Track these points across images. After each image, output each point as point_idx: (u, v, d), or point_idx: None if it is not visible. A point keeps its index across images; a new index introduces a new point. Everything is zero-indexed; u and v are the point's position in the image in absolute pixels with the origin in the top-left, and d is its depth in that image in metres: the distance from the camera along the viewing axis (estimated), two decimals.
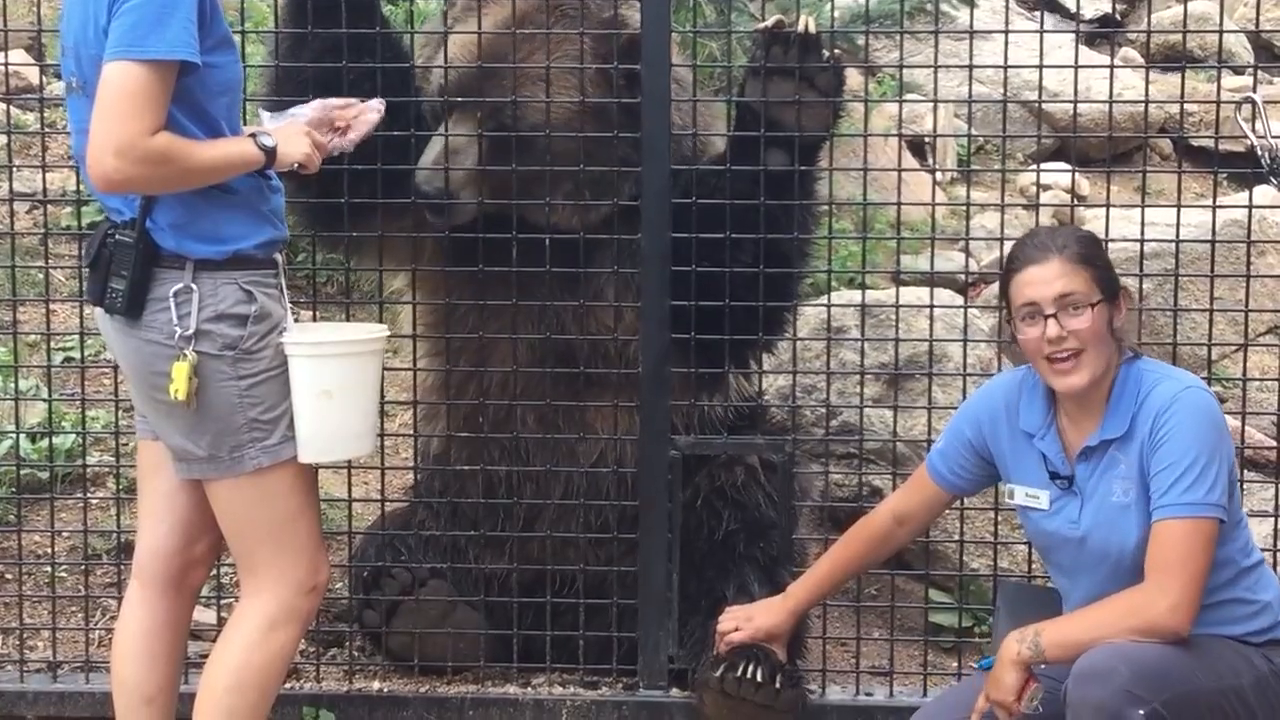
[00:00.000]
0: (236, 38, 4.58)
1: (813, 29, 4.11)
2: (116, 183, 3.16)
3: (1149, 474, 3.33)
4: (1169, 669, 3.20)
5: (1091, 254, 3.45)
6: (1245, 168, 4.72)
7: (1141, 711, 3.13)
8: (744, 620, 3.96)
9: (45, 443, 4.91)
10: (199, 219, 3.29)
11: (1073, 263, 3.41)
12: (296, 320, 3.50)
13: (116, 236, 3.29)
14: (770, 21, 4.15)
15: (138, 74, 3.11)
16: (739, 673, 3.97)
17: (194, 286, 3.28)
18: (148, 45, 3.11)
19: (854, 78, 6.04)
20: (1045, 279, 3.42)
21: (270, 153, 3.35)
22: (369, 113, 3.67)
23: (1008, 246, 4.75)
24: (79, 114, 3.34)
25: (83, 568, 4.68)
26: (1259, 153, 4.07)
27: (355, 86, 4.13)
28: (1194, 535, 3.26)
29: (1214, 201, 5.00)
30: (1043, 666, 3.33)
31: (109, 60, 3.12)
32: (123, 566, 4.50)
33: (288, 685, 4.40)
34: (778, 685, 3.98)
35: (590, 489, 4.40)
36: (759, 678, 3.97)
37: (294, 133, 3.46)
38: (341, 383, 3.39)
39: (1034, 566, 4.52)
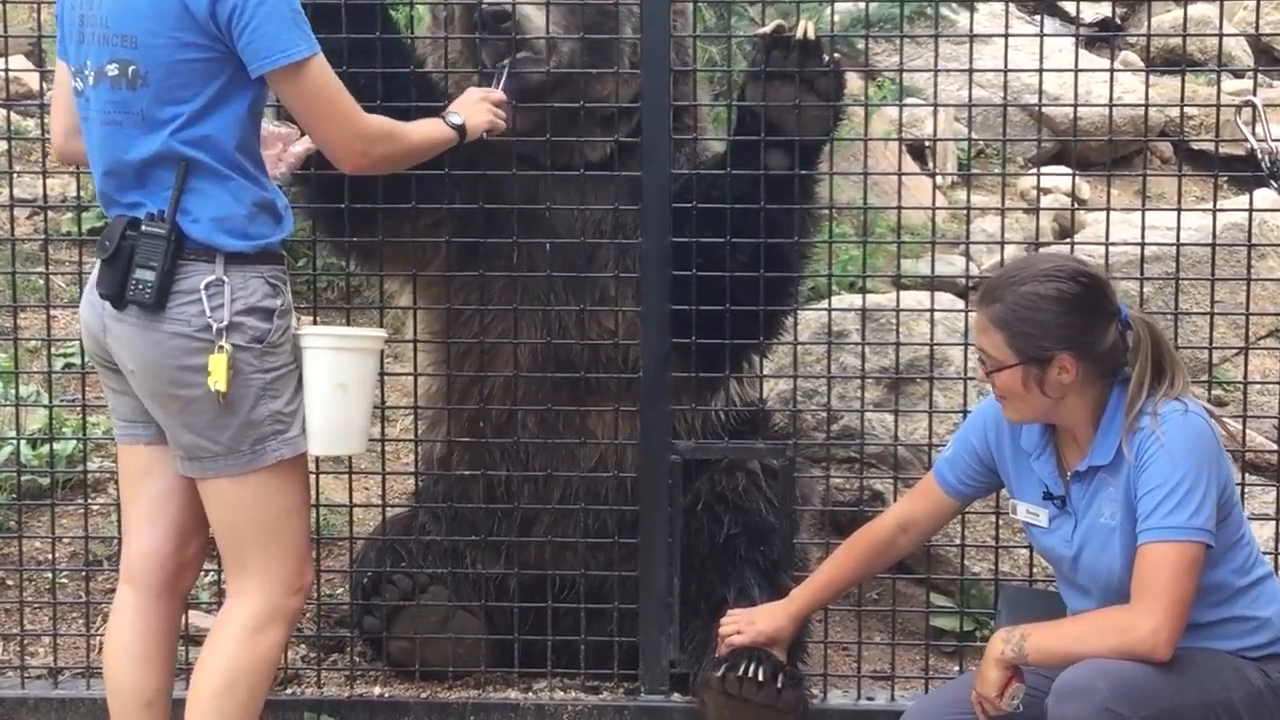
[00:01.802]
0: None
1: (812, 34, 4.11)
2: (365, 166, 3.49)
3: (1135, 497, 3.32)
4: (1151, 685, 3.19)
5: (1017, 317, 3.34)
6: (1245, 171, 4.72)
7: None
8: (745, 624, 3.95)
9: (46, 449, 4.91)
10: (233, 215, 3.31)
11: (991, 322, 3.38)
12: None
13: (143, 228, 3.28)
14: (770, 27, 4.15)
15: (316, 69, 3.30)
16: (740, 672, 3.97)
17: (225, 279, 3.29)
18: (299, 41, 3.26)
19: (854, 82, 6.04)
20: (974, 325, 3.51)
21: (461, 130, 3.67)
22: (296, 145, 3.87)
23: (1008, 250, 4.78)
24: (114, 105, 3.32)
25: (83, 574, 4.68)
26: (1259, 156, 4.07)
27: (360, 92, 4.14)
28: (1178, 559, 3.23)
29: (1214, 205, 5.00)
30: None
31: (285, 63, 3.23)
32: None
33: (289, 691, 4.41)
34: (779, 685, 3.98)
35: (591, 493, 4.40)
36: (760, 677, 3.97)
37: (473, 102, 3.76)
38: (355, 376, 3.45)
39: (1035, 570, 4.52)
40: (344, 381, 3.42)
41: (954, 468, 3.70)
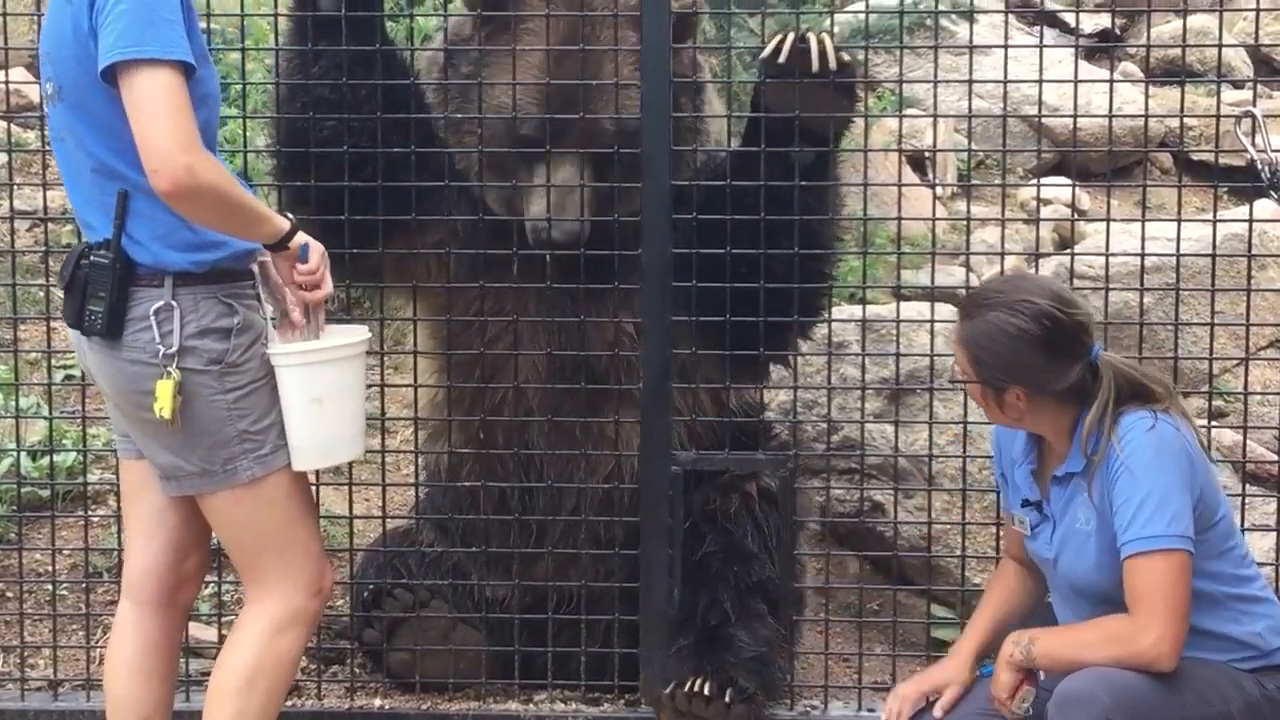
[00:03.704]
0: (235, 55, 4.61)
1: (832, 62, 4.07)
2: (188, 185, 3.09)
3: (1111, 509, 3.34)
4: (1152, 696, 3.20)
5: (976, 343, 3.38)
6: (1245, 181, 4.72)
7: None
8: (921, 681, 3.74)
9: (46, 460, 4.91)
10: (179, 228, 3.26)
11: (958, 338, 3.45)
12: (276, 328, 3.47)
13: (92, 257, 3.26)
14: (776, 42, 4.11)
15: (167, 77, 3.11)
16: (687, 689, 3.97)
17: (174, 303, 3.26)
18: (146, 44, 3.10)
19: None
20: None
21: (289, 234, 3.35)
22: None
23: (1008, 261, 4.76)
24: (56, 122, 3.33)
25: (84, 585, 4.68)
26: (1259, 166, 4.07)
27: (359, 105, 4.14)
28: (1164, 566, 3.24)
29: (1214, 215, 4.99)
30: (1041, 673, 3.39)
31: (114, 61, 3.09)
32: None
33: (289, 703, 4.40)
34: (728, 700, 3.98)
35: (597, 505, 4.39)
36: (707, 692, 3.97)
37: (320, 250, 3.47)
38: (331, 389, 3.38)
39: None
40: (319, 395, 3.36)
41: (1003, 490, 3.73)
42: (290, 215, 3.46)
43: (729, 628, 4.27)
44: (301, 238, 3.40)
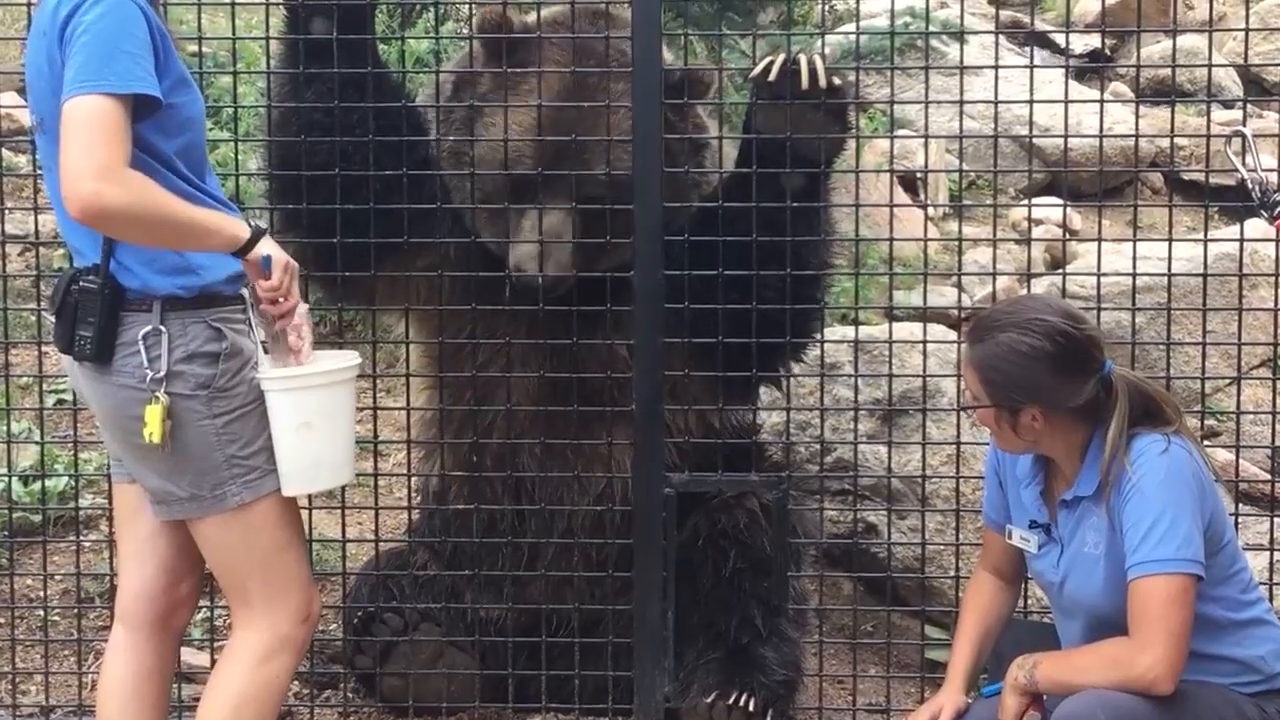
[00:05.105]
0: (227, 79, 4.61)
1: (823, 82, 4.08)
2: (94, 210, 3.06)
3: (1120, 531, 3.33)
4: (1150, 717, 3.18)
5: (990, 365, 3.38)
6: (1236, 201, 4.73)
7: None
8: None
9: (38, 485, 4.90)
10: (165, 253, 3.25)
11: (969, 362, 3.43)
12: (267, 353, 3.46)
13: (81, 283, 3.25)
14: (765, 63, 4.12)
15: (101, 105, 3.08)
16: (730, 701, 3.94)
17: (163, 328, 3.25)
18: (102, 79, 3.09)
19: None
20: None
21: (253, 239, 3.29)
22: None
23: (1000, 281, 4.76)
24: (42, 152, 3.33)
25: (75, 611, 4.66)
26: (1249, 186, 4.07)
27: (351, 128, 4.14)
28: (1165, 590, 3.23)
29: (1205, 235, 5.00)
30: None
31: (69, 97, 3.09)
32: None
33: None
34: (769, 718, 3.95)
35: (589, 526, 4.38)
36: (751, 707, 3.93)
37: (286, 259, 3.40)
38: (321, 413, 3.36)
39: (1029, 602, 4.51)
40: (308, 420, 3.34)
41: (990, 503, 3.72)
42: (255, 224, 3.37)
43: (759, 646, 4.29)
44: (263, 249, 3.32)
